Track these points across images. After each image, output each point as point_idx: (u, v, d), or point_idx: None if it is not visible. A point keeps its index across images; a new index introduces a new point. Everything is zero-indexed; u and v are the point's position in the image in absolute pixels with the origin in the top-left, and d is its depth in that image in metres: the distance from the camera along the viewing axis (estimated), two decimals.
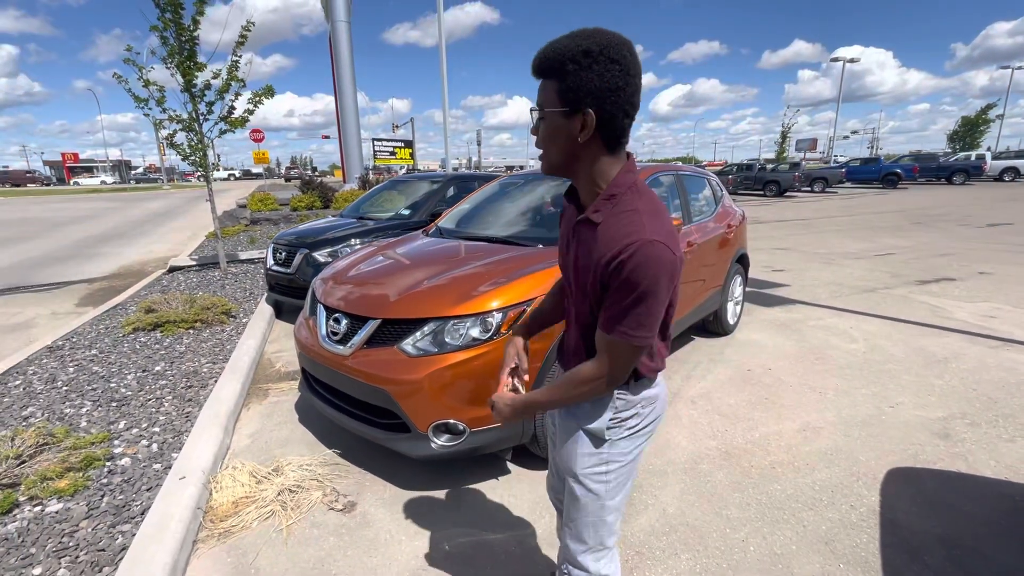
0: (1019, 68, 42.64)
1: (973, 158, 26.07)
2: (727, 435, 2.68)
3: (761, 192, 21.92)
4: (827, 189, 23.30)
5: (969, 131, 38.43)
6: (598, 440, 1.15)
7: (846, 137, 65.64)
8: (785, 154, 36.31)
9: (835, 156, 41.14)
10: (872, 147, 75.94)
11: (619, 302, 0.98)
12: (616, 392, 1.13)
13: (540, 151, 1.06)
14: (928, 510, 2.08)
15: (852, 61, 37.17)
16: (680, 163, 6.33)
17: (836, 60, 36.53)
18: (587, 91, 0.95)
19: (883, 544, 1.90)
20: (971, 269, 6.45)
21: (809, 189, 23.03)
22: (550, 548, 1.93)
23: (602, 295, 1.02)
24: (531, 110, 1.06)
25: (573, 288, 1.13)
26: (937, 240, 8.78)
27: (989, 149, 33.68)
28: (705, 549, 1.90)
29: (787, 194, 21.53)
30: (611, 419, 1.13)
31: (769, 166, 24.70)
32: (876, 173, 25.38)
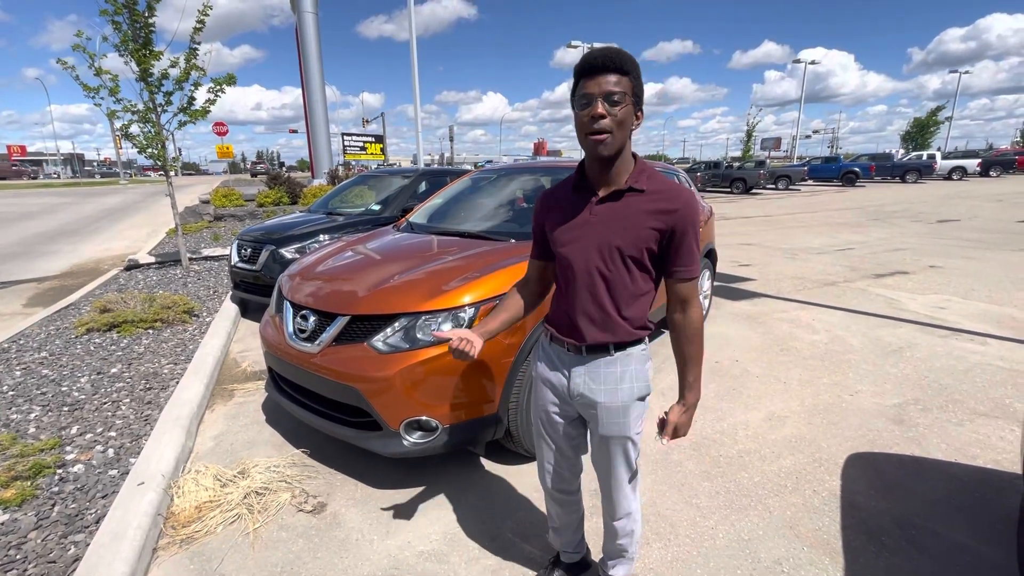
0: (966, 72, 45.01)
1: (924, 158, 27.34)
2: (696, 426, 2.73)
3: (728, 189, 22.49)
4: (790, 186, 24.07)
5: (920, 132, 40.31)
6: (644, 397, 1.36)
7: (808, 136, 68.00)
8: (751, 152, 37.31)
9: (798, 155, 42.54)
10: (832, 146, 78.92)
11: (682, 248, 1.21)
12: (646, 347, 1.36)
13: (603, 134, 1.14)
14: (885, 492, 2.17)
15: (813, 63, 38.49)
16: (651, 161, 6.44)
17: (798, 62, 37.74)
18: (641, 94, 1.19)
19: (843, 526, 1.98)
20: (923, 263, 6.77)
21: (774, 187, 23.74)
22: (523, 540, 1.93)
23: (655, 249, 1.21)
24: (612, 95, 1.12)
25: (602, 258, 1.24)
26: (892, 235, 9.18)
27: (939, 149, 35.36)
28: (676, 537, 1.93)
29: (753, 191, 22.15)
30: (649, 373, 1.36)
31: (735, 164, 25.35)
32: (836, 171, 26.38)
